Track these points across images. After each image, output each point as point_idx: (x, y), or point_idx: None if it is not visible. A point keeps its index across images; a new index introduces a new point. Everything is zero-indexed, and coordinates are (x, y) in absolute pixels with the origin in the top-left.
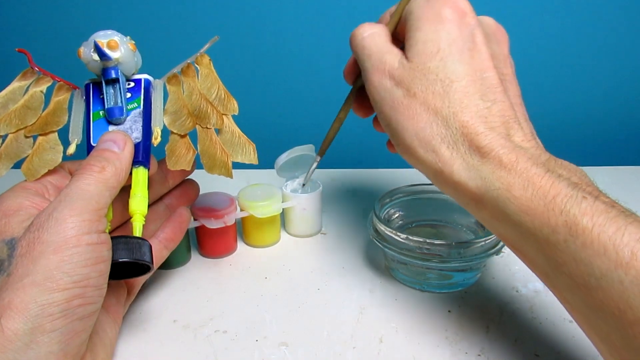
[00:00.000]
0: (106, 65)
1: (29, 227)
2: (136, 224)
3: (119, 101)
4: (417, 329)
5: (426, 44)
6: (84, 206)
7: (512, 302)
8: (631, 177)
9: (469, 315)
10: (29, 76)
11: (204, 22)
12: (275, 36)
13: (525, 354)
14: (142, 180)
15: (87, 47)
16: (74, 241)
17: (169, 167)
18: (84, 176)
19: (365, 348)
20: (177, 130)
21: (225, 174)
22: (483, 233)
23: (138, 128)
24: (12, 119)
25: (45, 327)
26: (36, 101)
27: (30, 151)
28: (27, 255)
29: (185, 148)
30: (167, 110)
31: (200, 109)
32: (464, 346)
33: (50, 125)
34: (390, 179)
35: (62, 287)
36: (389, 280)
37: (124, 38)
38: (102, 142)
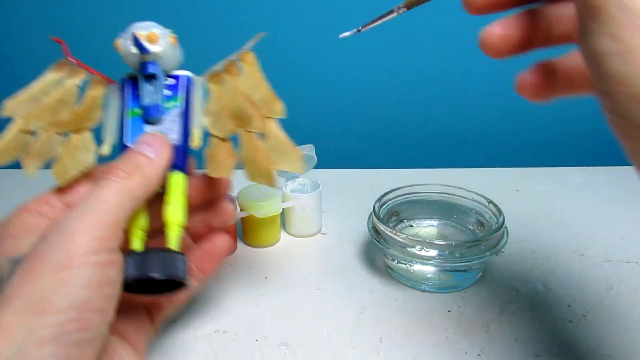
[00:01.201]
0: (145, 59)
1: (37, 240)
2: (171, 235)
3: (157, 99)
4: (417, 329)
5: None
6: (98, 219)
7: (512, 302)
8: (631, 177)
9: (469, 315)
10: (64, 67)
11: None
12: (275, 37)
13: (525, 354)
14: (179, 187)
15: (125, 38)
16: (79, 260)
17: (210, 173)
18: (107, 182)
19: (365, 348)
20: (218, 133)
21: (268, 183)
22: (483, 233)
23: (177, 129)
24: (44, 114)
25: (32, 353)
26: (71, 95)
27: (62, 150)
28: (27, 273)
29: (227, 153)
30: (208, 110)
31: (242, 111)
32: (464, 346)
33: (83, 122)
34: (390, 179)
35: (57, 309)
36: (389, 280)
37: (165, 31)
38: (137, 143)
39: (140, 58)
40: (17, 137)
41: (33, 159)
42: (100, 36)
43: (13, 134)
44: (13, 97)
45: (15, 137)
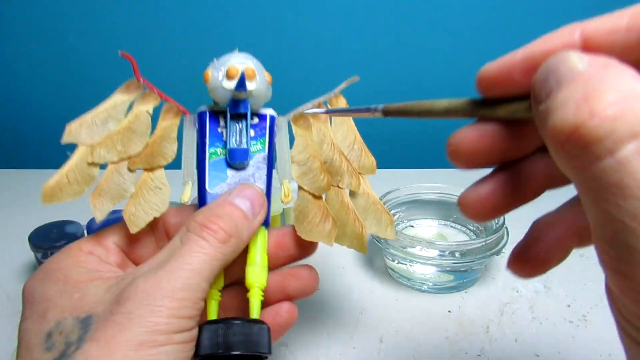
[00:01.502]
0: (238, 96)
1: (111, 303)
2: (253, 301)
3: (244, 141)
4: (417, 329)
5: None
6: (185, 293)
7: (512, 302)
8: None
9: (469, 315)
10: (133, 89)
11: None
12: (274, 38)
13: (525, 354)
14: (263, 245)
15: (216, 70)
16: (163, 338)
17: (299, 233)
18: (199, 241)
19: (365, 348)
20: (309, 187)
21: (358, 247)
22: (483, 233)
23: (262, 177)
24: (115, 145)
25: None
26: (142, 124)
27: (133, 189)
28: (105, 346)
29: (321, 214)
30: (294, 158)
31: (332, 163)
32: (464, 346)
33: (157, 158)
34: (390, 179)
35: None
36: (389, 280)
37: (260, 65)
38: (237, 196)
39: (234, 94)
40: (80, 168)
41: (103, 198)
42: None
43: (76, 165)
44: (77, 120)
45: (79, 168)
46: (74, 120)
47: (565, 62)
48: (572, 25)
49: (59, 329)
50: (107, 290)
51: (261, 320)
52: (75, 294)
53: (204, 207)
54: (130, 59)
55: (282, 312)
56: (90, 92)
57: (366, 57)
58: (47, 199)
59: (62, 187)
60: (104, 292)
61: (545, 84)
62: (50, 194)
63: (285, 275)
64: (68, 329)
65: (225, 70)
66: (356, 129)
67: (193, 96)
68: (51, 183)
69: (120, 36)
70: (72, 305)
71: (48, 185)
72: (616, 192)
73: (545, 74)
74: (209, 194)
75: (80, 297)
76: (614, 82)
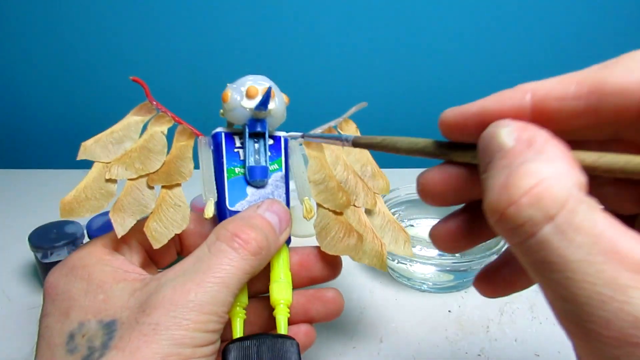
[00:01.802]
0: (257, 116)
1: (136, 310)
2: (280, 319)
3: (263, 160)
4: (417, 329)
5: None
6: (212, 307)
7: (512, 302)
8: None
9: (469, 315)
10: (146, 112)
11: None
12: (274, 39)
13: (525, 354)
14: (285, 261)
15: (235, 90)
16: (188, 352)
17: (323, 248)
18: (229, 252)
19: (365, 348)
20: (328, 205)
21: (378, 265)
22: None
23: (281, 195)
24: (133, 162)
25: None
26: (158, 143)
27: (153, 205)
28: (125, 353)
29: (345, 229)
30: (310, 178)
31: (347, 182)
32: (463, 346)
33: (174, 175)
34: (390, 178)
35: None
36: (389, 280)
37: (277, 87)
38: (266, 210)
39: (254, 114)
40: (98, 184)
41: (123, 213)
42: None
43: (93, 180)
44: (91, 138)
45: (97, 184)
46: (89, 139)
47: (496, 138)
48: (524, 87)
49: (82, 332)
50: (131, 294)
51: (290, 335)
52: (100, 295)
53: (235, 216)
54: (141, 83)
55: (300, 334)
56: (90, 93)
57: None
58: (66, 214)
59: (80, 202)
60: (129, 296)
61: (483, 156)
62: (69, 209)
63: (310, 298)
64: (91, 333)
65: (245, 90)
66: (368, 152)
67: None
68: (68, 198)
69: (121, 36)
70: (96, 306)
71: (66, 200)
72: (544, 267)
73: (483, 146)
74: (230, 211)
75: (105, 298)
76: (533, 164)
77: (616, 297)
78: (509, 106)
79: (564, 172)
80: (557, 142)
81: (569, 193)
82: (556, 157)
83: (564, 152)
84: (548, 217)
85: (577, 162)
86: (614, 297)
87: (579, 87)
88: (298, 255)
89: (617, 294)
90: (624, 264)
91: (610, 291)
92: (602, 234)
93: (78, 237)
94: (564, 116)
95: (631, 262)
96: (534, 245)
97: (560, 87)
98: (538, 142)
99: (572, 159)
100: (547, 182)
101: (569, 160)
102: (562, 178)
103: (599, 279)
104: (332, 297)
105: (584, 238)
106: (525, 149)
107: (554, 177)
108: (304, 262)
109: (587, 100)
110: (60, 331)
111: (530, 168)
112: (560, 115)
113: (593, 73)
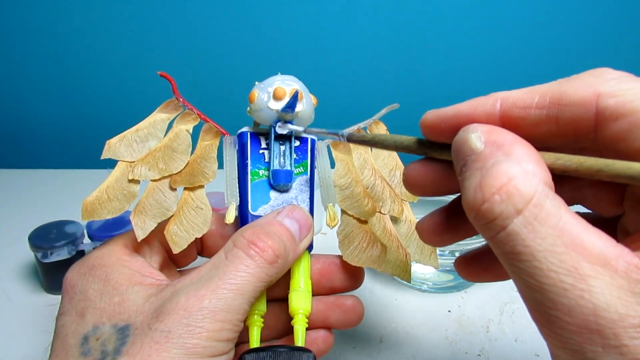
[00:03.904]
0: (284, 117)
1: (150, 315)
2: (298, 329)
3: (288, 163)
4: (417, 329)
5: None
6: (227, 307)
7: (512, 302)
8: None
9: (469, 315)
10: (172, 109)
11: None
12: (274, 40)
13: (525, 354)
14: (305, 269)
15: (262, 91)
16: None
17: (345, 258)
18: (245, 260)
19: (365, 348)
20: (353, 212)
21: (402, 275)
22: None
23: (305, 200)
24: (156, 162)
25: None
26: (183, 142)
27: (175, 208)
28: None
29: (368, 239)
30: (335, 182)
31: (374, 188)
32: (463, 346)
33: (197, 176)
34: None
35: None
36: (389, 280)
37: (305, 88)
38: (286, 216)
39: (280, 115)
40: (121, 185)
41: (144, 216)
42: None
43: (116, 181)
44: (116, 136)
45: (120, 185)
46: (114, 137)
47: (467, 143)
48: (496, 95)
49: (96, 334)
50: (146, 299)
51: (307, 348)
52: (115, 298)
53: (253, 223)
54: (169, 78)
55: (319, 340)
56: (90, 93)
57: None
58: (87, 215)
59: (102, 203)
60: (144, 301)
61: (457, 160)
62: (91, 209)
63: (330, 305)
64: (105, 336)
65: (273, 91)
66: (397, 155)
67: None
68: (90, 199)
69: (121, 36)
70: (111, 309)
71: (87, 201)
72: (514, 257)
73: (455, 150)
74: (252, 215)
75: (120, 302)
76: (503, 165)
77: (577, 285)
78: (481, 112)
79: (531, 171)
80: (523, 143)
81: (536, 189)
82: (523, 158)
83: (531, 152)
84: (517, 211)
85: (543, 162)
86: (575, 285)
87: (542, 98)
88: (320, 263)
89: (578, 283)
90: (584, 255)
91: (571, 280)
92: (565, 226)
93: (78, 237)
94: (528, 124)
95: (591, 253)
96: (504, 237)
97: (526, 97)
98: (506, 144)
99: (538, 159)
100: (515, 180)
101: (535, 159)
102: (529, 176)
103: (561, 269)
104: (352, 305)
105: (549, 230)
106: (495, 151)
107: (521, 175)
108: (325, 271)
109: (549, 110)
110: (75, 332)
111: (501, 168)
112: (525, 123)
113: (556, 85)
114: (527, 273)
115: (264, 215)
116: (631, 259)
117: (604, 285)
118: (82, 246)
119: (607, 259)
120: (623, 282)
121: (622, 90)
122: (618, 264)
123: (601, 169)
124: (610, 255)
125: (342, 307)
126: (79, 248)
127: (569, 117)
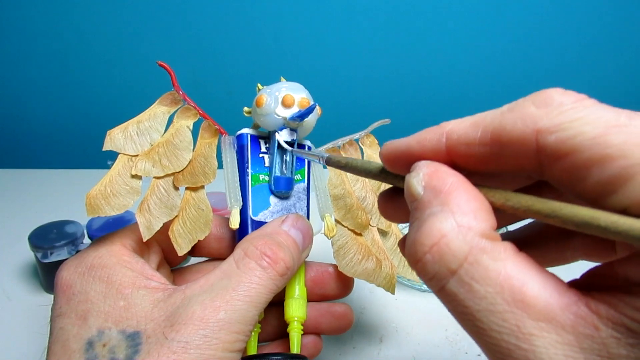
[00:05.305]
0: (290, 125)
1: (163, 323)
2: (293, 335)
3: (289, 171)
4: (417, 329)
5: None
6: (242, 318)
7: None
8: None
9: None
10: (172, 102)
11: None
12: (273, 41)
13: None
14: (301, 277)
15: (270, 96)
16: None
17: (341, 268)
18: (258, 271)
19: (365, 348)
20: (347, 223)
21: (387, 287)
22: None
23: (303, 208)
24: (160, 158)
25: None
26: (184, 139)
27: (178, 208)
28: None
29: (363, 252)
30: (330, 192)
31: (365, 201)
32: (463, 346)
33: (198, 176)
34: None
35: None
36: None
37: (311, 97)
38: (292, 226)
39: (287, 122)
40: (124, 179)
41: (149, 214)
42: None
43: (118, 174)
44: (119, 127)
45: (122, 179)
46: (115, 127)
47: (409, 188)
48: (443, 128)
49: (102, 340)
50: (154, 304)
51: (303, 355)
52: (120, 302)
53: (261, 232)
54: (168, 69)
55: (310, 345)
56: (90, 93)
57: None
58: (92, 211)
59: (106, 198)
60: (152, 307)
61: (408, 203)
62: (95, 205)
63: (323, 312)
64: (113, 342)
65: (281, 98)
66: None
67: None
68: (94, 192)
69: (121, 37)
70: (117, 314)
71: (91, 194)
72: (458, 316)
73: (405, 192)
74: (253, 220)
75: (126, 306)
76: (437, 219)
77: (521, 345)
78: (429, 147)
79: (466, 224)
80: (464, 188)
81: (470, 246)
82: (460, 207)
83: (470, 198)
84: (450, 272)
85: (486, 206)
86: (518, 345)
87: (484, 134)
88: (314, 271)
89: (522, 343)
90: (528, 311)
91: (514, 340)
92: (506, 282)
93: (78, 237)
94: (474, 160)
95: (535, 309)
96: (444, 296)
97: (470, 132)
98: (444, 191)
99: (479, 205)
100: (446, 238)
101: (474, 208)
102: (462, 232)
103: (503, 328)
104: (344, 313)
105: (487, 288)
106: (433, 199)
107: (453, 232)
108: (318, 279)
109: (492, 147)
110: (77, 336)
111: (434, 225)
112: (471, 160)
113: (498, 118)
114: (472, 332)
115: (266, 222)
116: (578, 310)
117: (549, 344)
118: (82, 246)
119: (553, 314)
120: (571, 338)
121: (563, 124)
122: (565, 318)
123: (548, 214)
124: (556, 309)
125: (334, 314)
126: (79, 248)
127: (510, 155)
